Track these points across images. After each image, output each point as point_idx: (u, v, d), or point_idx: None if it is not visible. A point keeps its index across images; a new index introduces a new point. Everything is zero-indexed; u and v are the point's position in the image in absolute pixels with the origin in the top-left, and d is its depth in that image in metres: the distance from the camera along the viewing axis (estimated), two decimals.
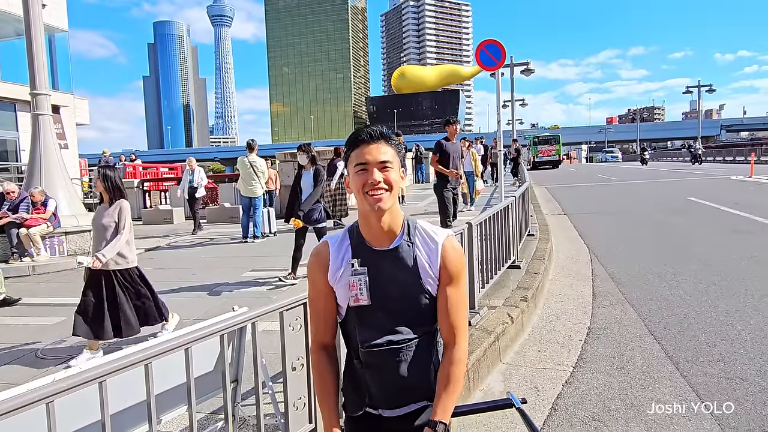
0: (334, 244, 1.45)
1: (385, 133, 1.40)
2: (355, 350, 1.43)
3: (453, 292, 1.41)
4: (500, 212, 5.35)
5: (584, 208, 13.00)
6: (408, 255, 1.39)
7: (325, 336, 1.50)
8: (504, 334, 4.08)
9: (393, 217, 1.39)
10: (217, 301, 5.66)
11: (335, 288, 1.43)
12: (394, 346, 1.37)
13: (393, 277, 1.38)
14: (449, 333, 1.42)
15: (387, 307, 1.38)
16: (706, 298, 5.03)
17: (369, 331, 1.38)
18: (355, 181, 1.37)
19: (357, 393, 1.44)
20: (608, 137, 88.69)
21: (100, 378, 1.78)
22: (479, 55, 7.30)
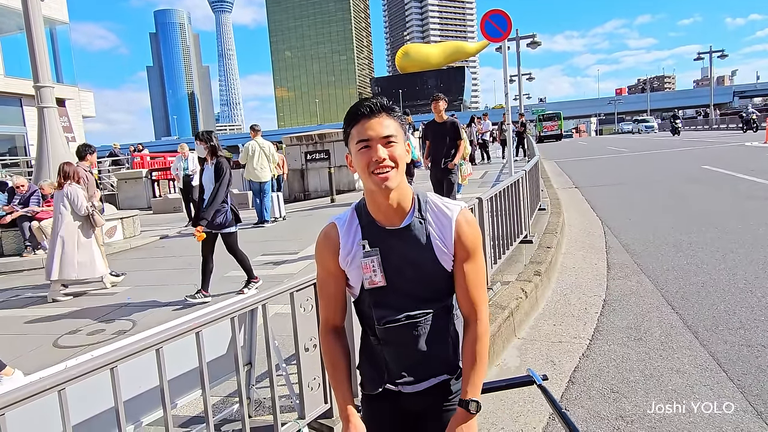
0: (342, 224, 1.38)
1: (385, 105, 1.31)
2: (371, 328, 1.39)
3: (470, 268, 1.35)
4: (511, 186, 5.27)
5: (595, 180, 12.82)
6: (421, 233, 1.32)
7: (336, 318, 1.45)
8: (518, 309, 4.04)
9: (402, 194, 1.32)
10: (229, 286, 5.66)
11: (347, 270, 1.37)
12: (411, 320, 1.33)
13: (407, 257, 1.32)
14: (470, 309, 1.37)
15: (402, 287, 1.33)
16: (723, 266, 4.94)
17: (385, 310, 1.34)
18: (359, 159, 1.29)
19: (375, 370, 1.40)
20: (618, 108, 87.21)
21: (111, 364, 1.76)
22: (484, 26, 7.12)
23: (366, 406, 1.47)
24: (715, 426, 2.53)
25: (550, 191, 10.12)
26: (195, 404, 2.87)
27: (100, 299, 5.67)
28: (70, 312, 5.24)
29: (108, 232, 9.18)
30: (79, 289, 6.20)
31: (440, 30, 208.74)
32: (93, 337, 4.38)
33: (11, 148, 19.21)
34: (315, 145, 14.65)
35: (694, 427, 2.54)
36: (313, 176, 14.45)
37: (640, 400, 2.84)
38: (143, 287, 6.04)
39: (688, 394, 2.84)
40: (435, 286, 1.35)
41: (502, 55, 7.67)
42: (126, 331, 4.44)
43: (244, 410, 2.24)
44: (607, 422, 2.67)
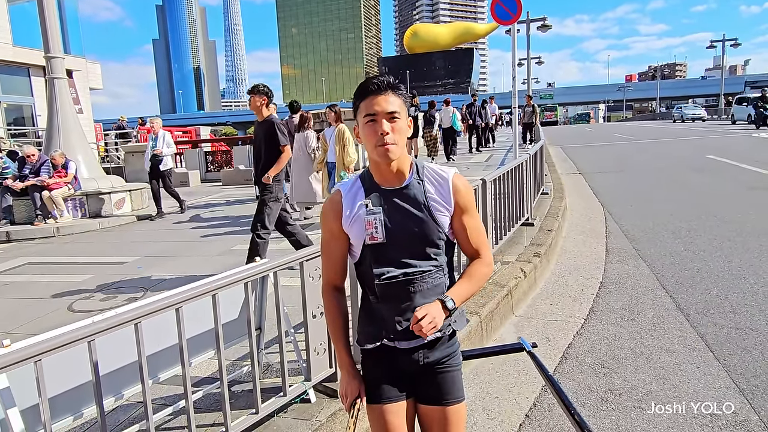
0: (346, 190, 1.53)
1: (392, 83, 1.45)
2: (370, 287, 1.51)
3: (469, 220, 1.53)
4: (514, 169, 5.36)
5: (600, 167, 12.86)
6: (419, 192, 1.48)
7: (337, 278, 1.60)
8: (517, 287, 4.17)
9: (402, 161, 1.47)
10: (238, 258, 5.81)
11: (349, 230, 1.50)
12: (408, 277, 1.45)
13: (406, 214, 1.46)
14: (473, 252, 1.56)
15: (401, 243, 1.46)
16: (720, 253, 5.05)
17: (384, 266, 1.47)
18: (365, 131, 1.44)
19: (372, 326, 1.52)
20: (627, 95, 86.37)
21: (135, 320, 1.90)
22: (494, 9, 7.12)
23: (364, 362, 1.59)
24: (698, 398, 2.67)
25: (554, 176, 10.18)
26: (205, 366, 3.03)
27: (113, 268, 5.83)
28: (84, 279, 5.41)
29: (116, 204, 9.34)
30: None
31: (450, 10, 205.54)
32: (106, 303, 4.54)
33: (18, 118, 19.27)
34: (321, 124, 14.68)
35: (678, 401, 2.68)
36: None
37: (629, 376, 2.98)
38: (153, 257, 6.20)
39: (676, 372, 2.98)
40: (431, 242, 1.48)
41: (511, 38, 7.67)
42: (138, 298, 4.60)
43: (255, 371, 2.39)
44: (597, 395, 2.82)
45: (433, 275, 1.48)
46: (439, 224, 1.48)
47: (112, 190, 9.34)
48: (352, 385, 1.53)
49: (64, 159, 8.70)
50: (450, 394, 1.53)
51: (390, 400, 1.52)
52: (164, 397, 2.75)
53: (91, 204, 9.06)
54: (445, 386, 1.52)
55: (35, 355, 1.62)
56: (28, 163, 8.80)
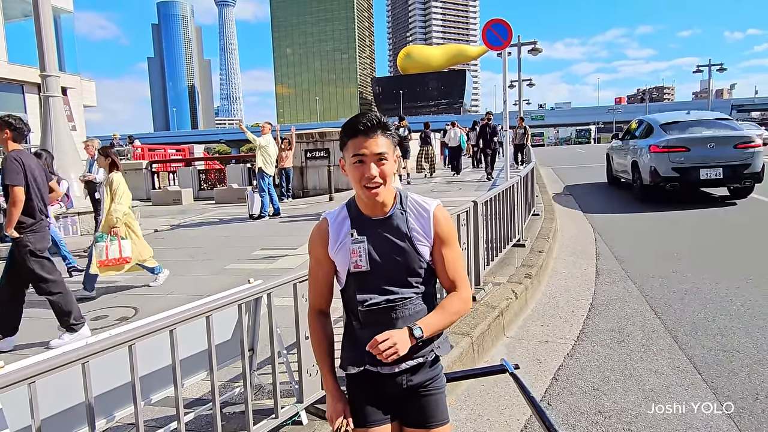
0: (332, 218, 1.59)
1: (381, 123, 1.49)
2: (354, 313, 1.56)
3: (448, 252, 1.57)
4: (506, 191, 5.44)
5: (590, 188, 13.01)
6: (402, 222, 1.53)
7: (323, 303, 1.65)
8: (508, 309, 4.21)
9: (386, 193, 1.53)
10: (231, 278, 5.81)
11: (335, 257, 1.56)
12: (390, 304, 1.50)
13: (389, 243, 1.52)
14: (451, 285, 1.59)
15: (384, 271, 1.51)
16: (707, 275, 5.13)
17: (368, 293, 1.52)
18: (353, 171, 1.49)
19: (356, 351, 1.55)
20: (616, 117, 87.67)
21: (129, 341, 1.91)
22: (486, 35, 7.30)
23: (349, 387, 1.62)
24: (686, 422, 2.71)
25: (545, 197, 10.30)
26: (197, 387, 3.02)
27: (103, 288, 5.79)
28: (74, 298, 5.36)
29: None
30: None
31: (443, 32, 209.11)
32: (97, 323, 4.52)
33: None
34: (315, 144, 14.80)
35: (667, 423, 2.71)
36: (313, 174, 14.61)
37: (619, 398, 3.01)
38: (145, 276, 6.17)
39: (664, 394, 3.01)
40: (412, 271, 1.53)
41: (502, 62, 7.84)
42: (129, 318, 4.58)
43: (247, 392, 2.39)
44: (587, 417, 2.84)
45: (414, 302, 1.53)
46: (421, 254, 1.53)
47: None
48: (338, 408, 1.56)
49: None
50: (434, 417, 1.56)
51: (375, 424, 1.55)
52: (155, 419, 2.73)
53: (83, 222, 9.02)
54: (429, 409, 1.56)
55: (29, 377, 1.62)
56: None
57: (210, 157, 23.00)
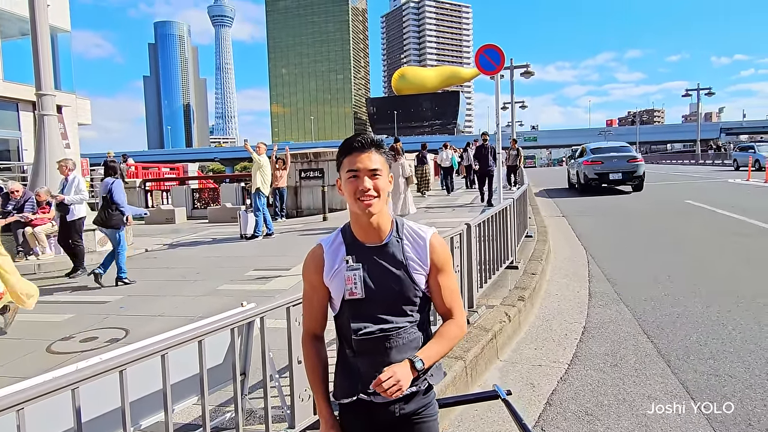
0: (327, 245, 1.59)
1: (375, 141, 1.54)
2: (347, 340, 1.56)
3: (444, 280, 1.58)
4: (498, 214, 5.48)
5: (582, 209, 13.11)
6: (397, 250, 1.54)
7: (317, 327, 1.65)
8: (501, 332, 4.20)
9: (382, 218, 1.54)
10: (223, 299, 5.77)
11: (330, 284, 1.56)
12: (385, 333, 1.50)
13: (384, 271, 1.52)
14: (446, 312, 1.60)
15: (379, 299, 1.51)
16: (699, 299, 5.16)
17: (361, 321, 1.51)
18: (348, 186, 1.51)
19: (349, 380, 1.55)
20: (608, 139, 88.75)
21: (121, 367, 1.90)
22: (479, 60, 7.43)
23: (342, 415, 1.61)
24: None
25: (538, 219, 10.36)
26: (188, 411, 2.98)
27: (95, 307, 5.74)
28: (63, 319, 5.31)
29: (100, 241, 9.24)
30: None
31: (437, 54, 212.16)
32: (86, 344, 4.46)
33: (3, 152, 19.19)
34: (310, 164, 14.87)
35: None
36: (307, 194, 14.64)
37: (612, 424, 3.00)
38: (136, 296, 6.12)
39: (658, 419, 3.01)
40: (407, 299, 1.53)
41: (495, 86, 7.97)
42: (119, 339, 4.53)
43: (239, 418, 2.37)
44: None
45: (408, 331, 1.53)
46: (416, 282, 1.53)
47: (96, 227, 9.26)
48: None
49: (49, 197, 8.65)
50: None
51: None
52: None
53: None
54: None
55: (18, 404, 1.60)
56: (12, 199, 8.73)
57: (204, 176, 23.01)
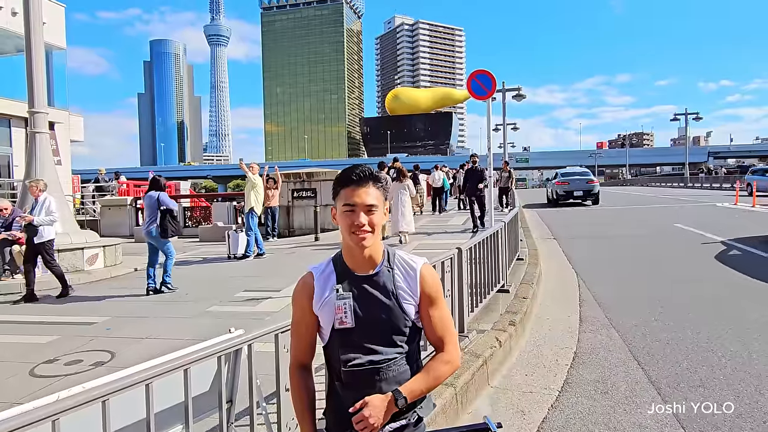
0: (318, 273, 1.58)
1: (373, 174, 1.54)
2: (336, 372, 1.54)
3: (435, 311, 1.57)
4: (490, 237, 5.49)
5: (574, 232, 13.19)
6: (388, 280, 1.53)
7: (305, 357, 1.63)
8: (492, 357, 4.17)
9: (374, 248, 1.54)
10: (212, 321, 5.70)
11: (319, 313, 1.55)
12: (374, 365, 1.48)
13: (375, 301, 1.51)
14: (438, 343, 1.59)
15: (368, 329, 1.50)
16: (688, 324, 5.17)
17: (351, 352, 1.50)
18: (343, 219, 1.51)
19: (339, 414, 1.53)
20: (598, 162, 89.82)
21: (103, 397, 1.86)
22: (471, 85, 7.54)
23: None
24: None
25: (529, 241, 10.40)
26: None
27: (80, 329, 5.65)
28: (48, 341, 5.21)
29: (89, 260, 9.15)
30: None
31: (430, 76, 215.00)
32: (71, 368, 4.37)
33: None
34: (303, 183, 14.88)
35: None
36: (299, 213, 14.62)
37: None
38: (123, 318, 6.04)
39: None
40: (397, 330, 1.52)
41: (486, 109, 8.07)
42: (104, 363, 4.45)
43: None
44: None
45: (398, 363, 1.52)
46: (406, 313, 1.53)
47: (85, 245, 9.19)
48: None
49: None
50: None
51: None
52: None
53: (63, 259, 8.84)
54: None
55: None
56: (0, 217, 8.63)
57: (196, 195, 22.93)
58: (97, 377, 3.07)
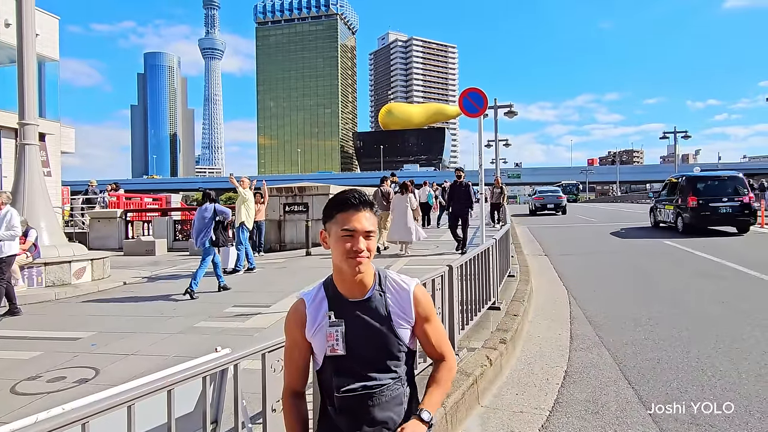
0: (310, 299, 1.56)
1: (369, 200, 1.53)
2: (330, 397, 1.52)
3: (430, 328, 1.59)
4: (481, 254, 5.48)
5: (564, 249, 13.23)
6: (380, 304, 1.52)
7: (298, 384, 1.61)
8: (483, 376, 4.14)
9: (366, 272, 1.53)
10: (200, 337, 5.62)
11: (312, 340, 1.53)
12: (368, 391, 1.47)
13: (367, 327, 1.50)
14: (438, 356, 1.63)
15: (361, 355, 1.48)
16: (678, 343, 5.17)
17: (344, 378, 1.48)
18: (340, 244, 1.48)
19: None
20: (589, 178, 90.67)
21: (83, 419, 1.81)
22: (462, 103, 7.59)
23: None
24: None
25: (521, 257, 10.41)
26: None
27: (64, 344, 5.54)
28: (31, 357, 5.11)
29: (76, 273, 9.03)
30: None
31: (423, 91, 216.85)
32: (53, 385, 4.28)
33: None
34: (294, 197, 14.85)
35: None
36: (290, 227, 14.56)
37: None
38: (109, 333, 5.93)
39: None
40: (390, 355, 1.51)
41: (478, 126, 8.12)
42: (88, 380, 4.36)
43: None
44: None
45: (392, 387, 1.50)
46: (400, 338, 1.52)
47: (72, 258, 9.07)
48: None
49: (25, 227, 8.47)
50: None
51: None
52: None
53: (49, 273, 8.74)
54: None
55: None
56: None
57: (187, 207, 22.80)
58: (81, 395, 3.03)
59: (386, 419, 1.50)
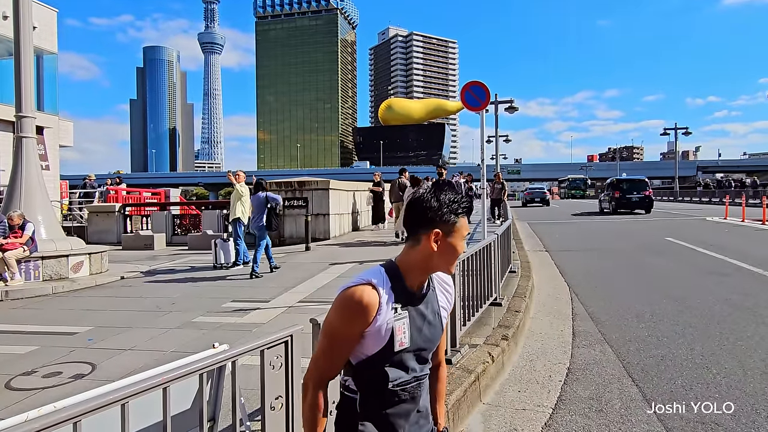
0: (385, 290, 1.43)
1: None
2: (379, 392, 1.45)
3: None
4: (483, 250, 5.42)
5: (565, 245, 13.18)
6: (433, 298, 1.54)
7: (333, 375, 1.51)
8: (485, 373, 4.08)
9: None
10: (198, 332, 5.56)
11: (373, 333, 1.41)
12: (417, 380, 1.50)
13: (425, 320, 1.50)
14: (441, 355, 1.70)
15: (417, 348, 1.49)
16: (682, 340, 5.11)
17: (399, 370, 1.47)
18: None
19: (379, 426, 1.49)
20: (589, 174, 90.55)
21: (75, 418, 1.75)
22: (464, 96, 7.51)
23: None
24: None
25: (521, 253, 10.35)
26: None
27: (61, 339, 5.48)
28: (27, 352, 5.05)
29: (73, 267, 8.96)
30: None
31: (423, 87, 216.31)
32: (49, 380, 4.22)
33: None
34: (294, 192, 14.77)
35: None
36: (290, 223, 14.48)
37: None
38: (106, 328, 5.87)
39: None
40: (434, 346, 1.56)
41: (480, 120, 8.04)
42: (84, 375, 4.30)
43: None
44: None
45: (428, 379, 1.57)
46: (443, 326, 1.57)
47: (70, 252, 9.00)
48: None
49: (22, 220, 8.40)
50: None
51: None
52: None
53: (46, 267, 8.67)
54: None
55: None
56: None
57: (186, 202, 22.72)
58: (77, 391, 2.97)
59: (426, 406, 1.57)
